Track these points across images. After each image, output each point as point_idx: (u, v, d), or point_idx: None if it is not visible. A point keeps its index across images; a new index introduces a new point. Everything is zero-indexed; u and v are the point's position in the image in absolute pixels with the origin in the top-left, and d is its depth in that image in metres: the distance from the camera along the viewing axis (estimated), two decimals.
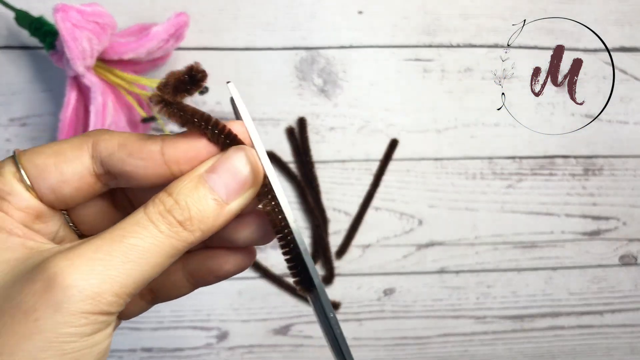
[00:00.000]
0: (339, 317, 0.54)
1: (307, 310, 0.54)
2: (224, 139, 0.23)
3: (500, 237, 0.55)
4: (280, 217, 0.24)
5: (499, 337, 0.56)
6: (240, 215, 0.24)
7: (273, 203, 0.24)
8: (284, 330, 0.54)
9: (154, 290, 0.27)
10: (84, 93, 0.45)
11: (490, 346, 0.56)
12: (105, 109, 0.45)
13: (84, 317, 0.19)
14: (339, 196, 0.53)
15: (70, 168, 0.23)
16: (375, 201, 0.54)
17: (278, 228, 0.24)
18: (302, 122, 0.52)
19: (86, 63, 0.43)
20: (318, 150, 0.53)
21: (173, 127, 0.51)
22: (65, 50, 0.41)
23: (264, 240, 0.25)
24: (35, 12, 0.46)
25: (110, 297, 0.19)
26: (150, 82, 0.48)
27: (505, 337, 0.56)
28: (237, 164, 0.22)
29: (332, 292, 0.54)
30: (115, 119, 0.47)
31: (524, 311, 0.56)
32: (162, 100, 0.22)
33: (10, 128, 0.51)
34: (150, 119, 0.48)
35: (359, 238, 0.54)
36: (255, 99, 0.52)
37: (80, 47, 0.42)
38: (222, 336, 0.53)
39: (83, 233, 0.26)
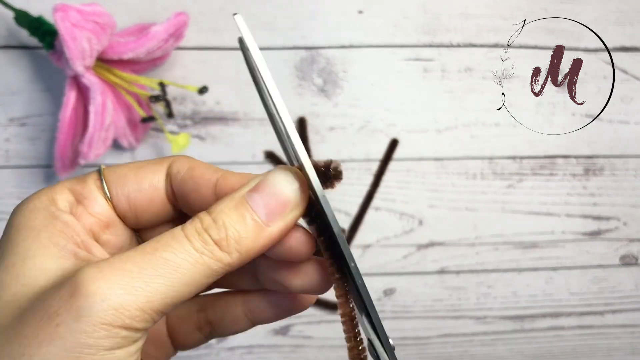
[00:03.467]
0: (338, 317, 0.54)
1: (307, 310, 0.54)
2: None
3: (500, 237, 0.55)
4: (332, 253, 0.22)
5: (499, 337, 0.56)
6: (297, 263, 0.23)
7: (321, 224, 0.22)
8: (283, 331, 0.54)
9: (212, 324, 0.26)
10: (83, 93, 0.45)
11: (491, 346, 0.56)
12: (104, 108, 0.45)
13: (104, 329, 0.18)
14: (339, 196, 0.53)
15: (148, 179, 0.23)
16: (375, 201, 0.54)
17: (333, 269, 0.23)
18: (302, 122, 0.52)
19: (85, 63, 0.43)
20: (318, 150, 0.53)
21: (172, 127, 0.51)
22: (64, 50, 0.41)
23: (320, 289, 0.25)
24: (34, 11, 0.46)
25: (134, 311, 0.18)
26: (149, 82, 0.48)
27: (506, 337, 0.56)
28: (280, 183, 0.21)
29: (332, 291, 0.54)
30: (115, 118, 0.47)
31: (525, 311, 0.55)
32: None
33: (10, 128, 0.51)
34: (150, 118, 0.48)
35: (359, 238, 0.54)
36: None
37: (79, 47, 0.42)
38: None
39: None
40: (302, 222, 0.23)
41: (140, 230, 0.25)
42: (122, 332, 0.18)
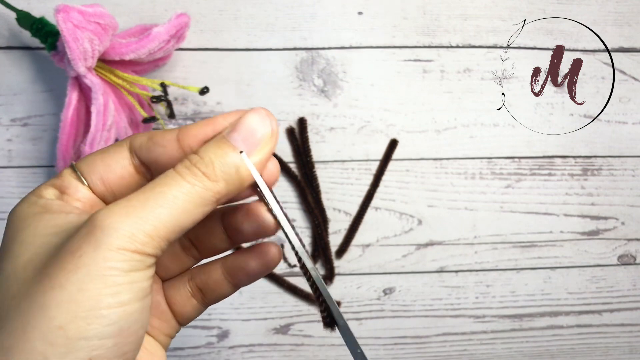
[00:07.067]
0: None
1: (307, 309, 0.54)
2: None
3: (499, 237, 0.55)
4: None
5: (498, 336, 0.56)
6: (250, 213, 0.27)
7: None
8: (284, 330, 0.54)
9: (202, 290, 0.29)
10: (85, 93, 0.46)
11: (490, 345, 0.56)
12: (106, 109, 0.45)
13: (121, 254, 0.21)
14: (339, 196, 0.54)
15: (113, 160, 0.26)
16: (375, 201, 0.54)
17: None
18: (302, 123, 0.53)
19: (87, 63, 0.43)
20: (318, 150, 0.53)
21: (173, 127, 0.51)
22: (66, 50, 0.42)
23: (266, 227, 0.27)
24: (36, 12, 0.47)
25: (143, 237, 0.21)
26: (151, 83, 0.48)
27: (504, 336, 0.56)
28: (254, 122, 0.25)
29: (332, 291, 0.54)
30: (117, 119, 0.47)
31: (523, 310, 0.56)
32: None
33: (12, 128, 0.51)
34: (151, 119, 0.48)
35: (359, 238, 0.54)
36: (256, 99, 0.52)
37: (81, 48, 0.42)
38: (223, 335, 0.54)
39: None
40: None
41: None
42: (136, 256, 0.21)
